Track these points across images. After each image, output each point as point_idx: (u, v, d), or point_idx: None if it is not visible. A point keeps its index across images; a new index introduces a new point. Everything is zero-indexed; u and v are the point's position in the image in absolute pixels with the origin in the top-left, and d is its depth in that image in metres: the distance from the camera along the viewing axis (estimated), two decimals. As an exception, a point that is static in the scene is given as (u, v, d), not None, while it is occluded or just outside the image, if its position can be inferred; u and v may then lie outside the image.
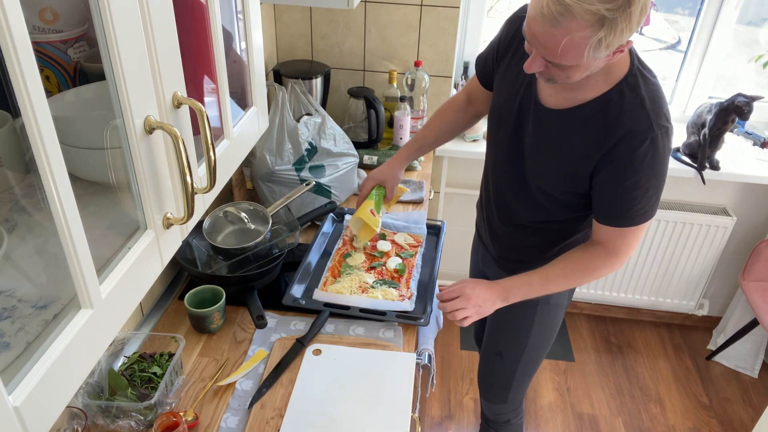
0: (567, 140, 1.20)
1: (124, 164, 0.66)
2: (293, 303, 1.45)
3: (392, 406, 1.22)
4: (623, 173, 1.14)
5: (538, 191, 1.31)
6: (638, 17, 0.98)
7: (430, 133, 1.57)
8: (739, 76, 2.54)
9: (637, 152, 1.11)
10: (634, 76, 1.14)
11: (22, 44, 0.45)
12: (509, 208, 1.42)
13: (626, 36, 0.99)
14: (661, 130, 1.11)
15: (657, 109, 1.12)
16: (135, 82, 0.62)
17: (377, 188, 1.55)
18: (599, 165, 1.17)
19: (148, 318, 1.43)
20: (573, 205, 1.31)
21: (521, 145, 1.30)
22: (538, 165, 1.28)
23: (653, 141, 1.11)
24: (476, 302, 1.27)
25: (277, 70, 2.06)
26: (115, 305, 0.63)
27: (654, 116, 1.11)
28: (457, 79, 2.42)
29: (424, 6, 2.09)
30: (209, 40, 0.85)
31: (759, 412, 2.39)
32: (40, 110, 0.48)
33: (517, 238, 1.45)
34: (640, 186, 1.15)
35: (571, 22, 0.96)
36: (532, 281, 1.29)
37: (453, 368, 2.53)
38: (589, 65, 1.05)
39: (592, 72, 1.09)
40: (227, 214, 1.56)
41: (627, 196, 1.16)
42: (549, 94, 1.22)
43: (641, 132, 1.11)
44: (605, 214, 1.22)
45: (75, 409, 1.10)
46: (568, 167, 1.22)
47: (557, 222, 1.37)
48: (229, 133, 0.94)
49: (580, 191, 1.25)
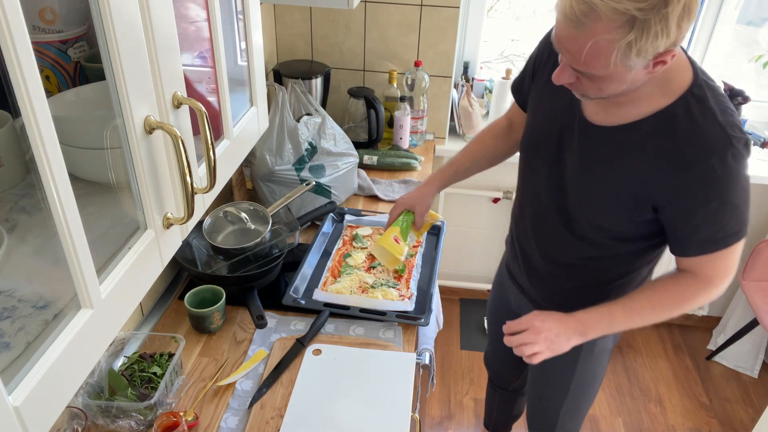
0: (620, 161, 1.06)
1: (124, 164, 0.66)
2: (293, 303, 1.45)
3: (392, 406, 1.22)
4: (705, 196, 1.01)
5: (584, 221, 1.17)
6: (678, 21, 0.85)
7: (467, 158, 1.46)
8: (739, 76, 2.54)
9: (719, 171, 0.98)
10: (699, 87, 1.01)
11: (22, 44, 0.45)
12: (551, 244, 1.27)
13: (663, 42, 0.87)
14: (740, 143, 0.99)
15: (731, 121, 0.99)
16: (135, 82, 0.62)
17: (405, 214, 1.44)
18: (671, 191, 1.03)
19: (148, 318, 1.43)
20: (626, 237, 1.16)
21: (563, 170, 1.16)
22: (583, 191, 1.14)
23: (734, 156, 0.98)
24: (548, 336, 1.12)
25: (277, 70, 2.06)
26: (115, 305, 0.63)
27: (729, 129, 0.98)
28: (457, 79, 2.42)
29: (424, 6, 2.09)
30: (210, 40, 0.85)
31: (759, 412, 2.39)
32: (40, 110, 0.48)
33: (563, 278, 1.30)
34: (727, 206, 1.01)
35: (597, 23, 0.85)
36: (613, 314, 1.12)
37: (453, 368, 2.53)
38: (623, 77, 0.94)
39: (632, 87, 0.98)
40: (227, 214, 1.56)
41: (713, 219, 1.03)
42: (595, 111, 1.09)
43: (719, 149, 0.98)
44: (688, 243, 1.07)
45: (75, 409, 1.10)
46: (622, 192, 1.08)
47: (608, 258, 1.21)
48: (229, 133, 0.94)
49: (636, 219, 1.10)
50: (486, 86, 2.51)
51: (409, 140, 2.21)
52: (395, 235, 1.39)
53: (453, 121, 2.38)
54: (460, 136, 2.38)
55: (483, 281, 2.81)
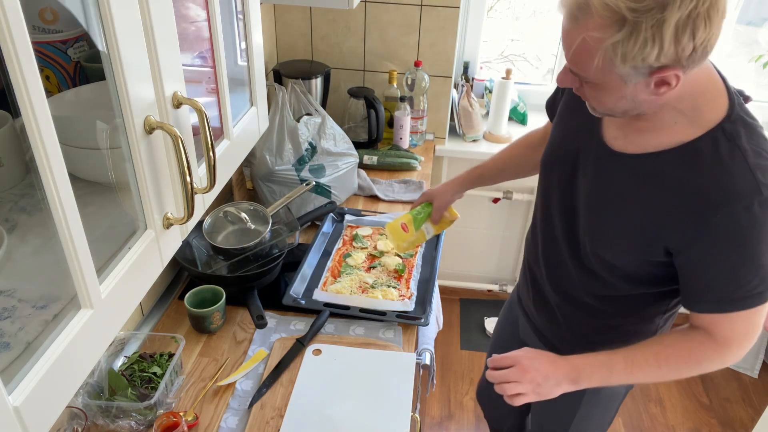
0: (635, 194, 0.97)
1: (124, 164, 0.66)
2: (293, 303, 1.45)
3: (392, 406, 1.22)
4: (724, 248, 0.90)
5: (592, 253, 1.07)
6: (676, 33, 0.77)
7: (495, 164, 1.40)
8: (739, 76, 2.54)
9: (742, 221, 0.87)
10: (733, 123, 0.90)
11: (22, 44, 0.45)
12: (560, 274, 1.17)
13: (654, 52, 0.78)
14: None
15: (764, 165, 0.88)
16: (135, 82, 0.62)
17: (426, 205, 1.44)
18: (687, 236, 0.92)
19: (148, 318, 1.43)
20: (636, 278, 1.06)
21: (575, 193, 1.07)
22: (593, 222, 1.05)
23: (763, 206, 0.87)
24: (534, 377, 1.01)
25: (277, 70, 2.06)
26: (115, 305, 0.63)
27: (760, 174, 0.87)
28: (457, 79, 2.42)
29: (424, 6, 2.09)
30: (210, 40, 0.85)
31: (759, 412, 2.39)
32: (40, 110, 0.48)
33: (570, 313, 1.20)
34: (749, 262, 0.90)
35: (589, 19, 0.79)
36: (613, 364, 1.01)
37: (453, 368, 2.53)
38: (619, 89, 0.86)
39: (639, 108, 0.90)
40: (227, 214, 1.56)
41: (731, 275, 0.91)
42: (615, 136, 1.01)
43: (746, 195, 0.86)
44: (701, 298, 0.96)
45: (75, 409, 1.10)
46: (632, 228, 0.98)
47: (618, 299, 1.11)
48: (229, 133, 0.94)
49: (647, 260, 1.00)
50: (486, 86, 2.51)
51: (409, 140, 2.21)
52: (404, 222, 1.43)
53: (453, 121, 2.38)
54: (460, 136, 2.38)
55: (483, 281, 2.81)
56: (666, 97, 0.87)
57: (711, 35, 0.79)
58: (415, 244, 1.45)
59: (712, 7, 0.77)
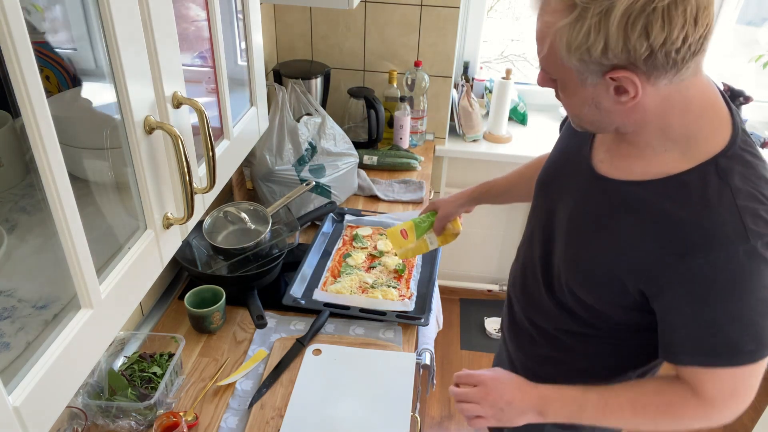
0: (612, 225, 0.88)
1: (124, 164, 0.66)
2: (293, 303, 1.45)
3: (392, 406, 1.22)
4: (706, 298, 0.80)
5: (564, 283, 0.98)
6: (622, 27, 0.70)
7: (504, 182, 1.33)
8: (739, 76, 2.54)
9: (724, 271, 0.78)
10: (729, 159, 0.80)
11: (22, 44, 0.45)
12: (535, 304, 1.09)
13: (598, 45, 0.72)
14: (761, 239, 0.77)
15: (755, 210, 0.78)
16: (135, 82, 0.62)
17: (430, 214, 1.39)
18: (663, 281, 0.83)
19: (148, 318, 1.43)
20: (608, 319, 0.96)
21: (556, 220, 1.00)
22: (567, 250, 0.96)
23: (749, 255, 0.77)
24: (497, 402, 0.95)
25: (277, 70, 2.06)
26: (115, 305, 0.63)
27: (750, 219, 0.78)
28: (457, 79, 2.42)
29: (424, 6, 2.09)
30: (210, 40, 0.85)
31: (759, 412, 2.39)
32: (40, 110, 0.48)
33: (541, 346, 1.11)
34: (734, 316, 0.80)
35: (547, 4, 0.76)
36: (585, 402, 0.93)
37: (453, 368, 2.52)
38: (577, 90, 0.80)
39: (605, 118, 0.82)
40: (227, 214, 1.56)
41: (716, 329, 0.82)
42: (602, 159, 0.93)
43: (729, 241, 0.77)
44: (679, 348, 0.86)
45: (75, 409, 1.10)
46: (605, 263, 0.89)
47: (590, 339, 1.01)
48: (229, 133, 0.94)
49: (618, 301, 0.91)
50: (486, 86, 2.51)
51: (409, 140, 2.21)
52: (404, 228, 1.40)
53: (453, 121, 2.38)
54: (460, 136, 2.38)
55: (483, 281, 2.81)
56: (637, 111, 0.79)
57: (674, 39, 0.70)
58: (415, 252, 1.41)
59: (674, 5, 0.69)
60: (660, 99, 0.78)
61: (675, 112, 0.80)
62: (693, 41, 0.71)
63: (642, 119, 0.81)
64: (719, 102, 0.84)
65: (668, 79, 0.75)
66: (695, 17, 0.70)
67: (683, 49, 0.71)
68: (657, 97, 0.77)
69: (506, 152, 2.33)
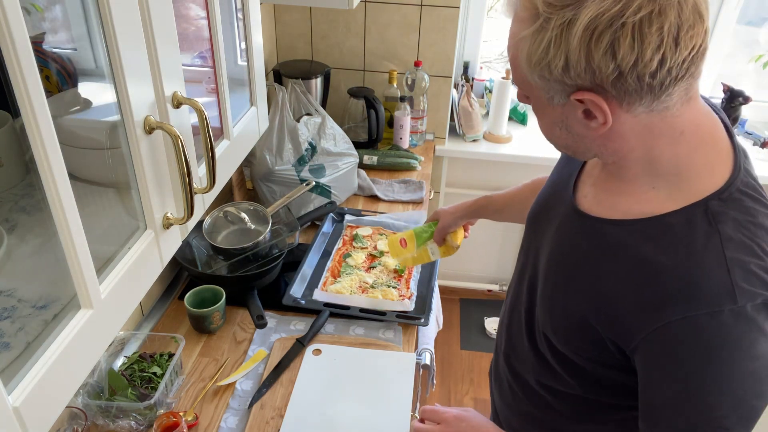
0: (590, 266, 0.78)
1: (124, 164, 0.66)
2: (293, 303, 1.45)
3: (392, 406, 1.22)
4: (683, 361, 0.69)
5: (541, 334, 0.88)
6: (587, 42, 0.61)
7: (501, 198, 1.26)
8: (739, 76, 2.54)
9: (706, 331, 0.66)
10: (723, 201, 0.69)
11: (22, 44, 0.45)
12: (516, 351, 0.98)
13: (559, 61, 0.63)
14: (752, 301, 0.66)
15: (746, 265, 0.67)
16: (135, 82, 0.62)
17: (433, 223, 1.34)
18: (639, 336, 0.71)
19: (148, 318, 1.43)
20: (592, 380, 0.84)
21: (540, 256, 0.90)
22: (544, 290, 0.87)
23: (736, 317, 0.66)
24: None
25: (277, 70, 2.06)
26: (115, 305, 0.63)
27: (741, 275, 0.66)
28: (457, 79, 2.42)
29: (424, 6, 2.09)
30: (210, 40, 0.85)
31: (759, 412, 2.39)
32: (40, 110, 0.48)
33: (518, 396, 1.00)
34: (718, 387, 0.68)
35: (516, 13, 0.68)
36: None
37: (453, 368, 2.52)
38: (545, 108, 0.72)
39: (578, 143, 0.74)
40: (227, 214, 1.56)
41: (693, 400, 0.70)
42: (585, 194, 0.84)
43: (713, 297, 0.66)
44: (655, 419, 0.74)
45: (75, 409, 1.10)
46: (580, 308, 0.78)
47: (573, 400, 0.89)
48: (229, 133, 0.94)
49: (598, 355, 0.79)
50: (486, 86, 2.51)
51: (409, 140, 2.21)
52: (404, 237, 1.37)
53: (453, 121, 2.38)
54: (460, 136, 2.38)
55: (483, 281, 2.81)
56: (612, 139, 0.70)
57: (647, 61, 0.61)
58: (416, 261, 1.38)
59: (647, 22, 0.59)
60: (640, 127, 0.68)
61: (662, 143, 0.69)
62: (674, 65, 0.62)
63: (621, 148, 0.71)
64: (719, 134, 0.73)
65: (645, 106, 0.66)
66: (675, 37, 0.60)
67: (660, 73, 0.62)
68: (636, 125, 0.68)
69: (506, 152, 2.33)
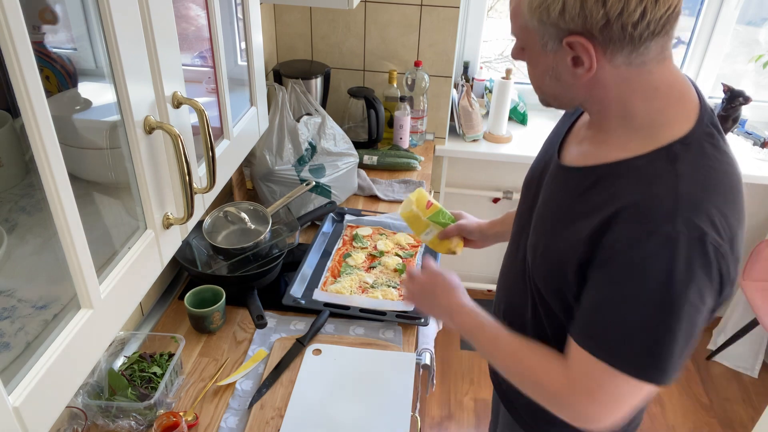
0: (566, 209, 0.87)
1: (124, 164, 0.66)
2: (293, 303, 1.45)
3: (392, 406, 1.22)
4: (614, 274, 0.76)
5: (532, 279, 0.96)
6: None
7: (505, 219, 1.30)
8: (739, 76, 2.54)
9: (634, 251, 0.74)
10: (686, 146, 0.77)
11: (22, 44, 0.45)
12: (509, 299, 1.09)
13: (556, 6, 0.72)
14: (691, 232, 0.71)
15: (698, 201, 0.73)
16: (135, 82, 0.62)
17: (453, 218, 1.34)
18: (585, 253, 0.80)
19: (148, 318, 1.44)
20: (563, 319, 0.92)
21: (532, 215, 0.98)
22: (531, 239, 0.96)
23: (668, 243, 0.72)
24: (420, 291, 1.09)
25: (277, 70, 2.06)
26: (115, 305, 0.63)
27: (685, 207, 0.73)
28: (457, 79, 2.42)
29: (424, 6, 2.09)
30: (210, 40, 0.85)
31: (759, 412, 2.39)
32: (40, 110, 0.48)
33: None
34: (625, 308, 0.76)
35: None
36: (482, 331, 0.97)
37: (453, 368, 2.53)
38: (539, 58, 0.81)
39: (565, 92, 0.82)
40: (227, 214, 1.56)
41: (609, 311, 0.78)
42: (569, 150, 0.94)
43: (650, 219, 0.73)
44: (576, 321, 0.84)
45: (75, 409, 1.10)
46: (557, 250, 0.86)
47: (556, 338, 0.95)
48: (229, 133, 0.94)
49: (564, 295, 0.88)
50: (486, 86, 2.51)
51: (409, 140, 2.21)
52: (432, 201, 1.32)
53: (453, 121, 2.38)
54: (460, 136, 2.38)
55: (483, 281, 2.81)
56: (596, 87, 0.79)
57: (631, 12, 0.69)
58: (412, 223, 1.33)
59: None
60: (620, 80, 0.77)
61: (637, 97, 0.78)
62: (653, 19, 0.71)
63: (603, 97, 0.80)
64: (689, 94, 0.81)
65: (625, 57, 0.74)
66: None
67: (641, 25, 0.71)
68: (616, 76, 0.77)
69: (506, 152, 2.33)
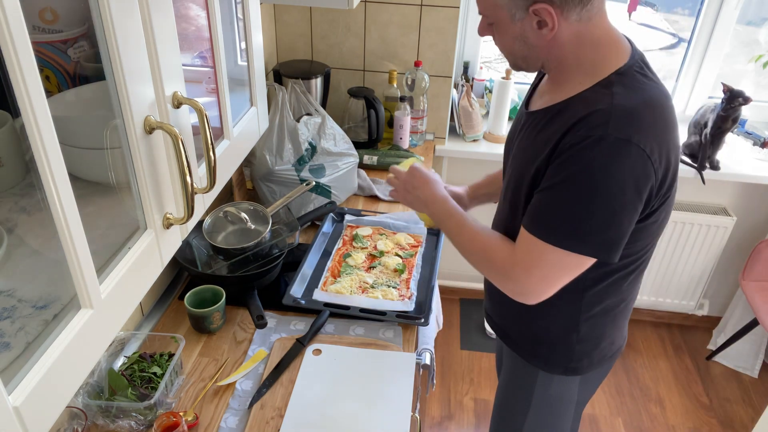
0: (531, 144, 1.04)
1: (124, 164, 0.66)
2: (293, 303, 1.45)
3: (392, 406, 1.22)
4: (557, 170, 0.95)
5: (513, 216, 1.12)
6: None
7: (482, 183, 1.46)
8: (739, 76, 2.54)
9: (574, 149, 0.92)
10: (620, 75, 0.96)
11: (22, 44, 0.45)
12: None
13: None
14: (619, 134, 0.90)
15: (627, 116, 0.92)
16: (135, 82, 0.62)
17: None
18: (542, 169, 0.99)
19: (148, 318, 1.43)
20: None
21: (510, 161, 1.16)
22: (509, 180, 1.12)
23: (599, 142, 0.90)
24: (402, 186, 1.28)
25: (277, 70, 2.06)
26: (115, 305, 0.63)
27: (617, 115, 0.91)
28: (457, 79, 2.42)
29: (424, 6, 2.09)
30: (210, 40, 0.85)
31: (759, 412, 2.39)
32: (40, 110, 0.48)
33: None
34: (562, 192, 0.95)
35: None
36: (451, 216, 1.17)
37: (453, 368, 2.53)
38: (510, 27, 0.96)
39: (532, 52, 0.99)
40: (227, 214, 1.56)
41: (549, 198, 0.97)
42: (535, 100, 1.12)
43: (590, 127, 0.91)
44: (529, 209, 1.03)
45: (75, 409, 1.10)
46: (524, 180, 1.05)
47: None
48: (229, 133, 0.94)
49: None
50: (486, 86, 2.51)
51: (409, 140, 2.21)
52: None
53: (453, 121, 2.38)
54: (460, 136, 2.38)
55: (483, 281, 2.81)
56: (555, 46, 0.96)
57: None
58: None
59: None
60: (572, 35, 0.95)
61: (586, 48, 0.97)
62: None
63: (560, 55, 0.98)
64: (622, 40, 1.01)
65: (577, 14, 0.92)
66: None
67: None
68: (570, 34, 0.95)
69: (506, 152, 2.33)
